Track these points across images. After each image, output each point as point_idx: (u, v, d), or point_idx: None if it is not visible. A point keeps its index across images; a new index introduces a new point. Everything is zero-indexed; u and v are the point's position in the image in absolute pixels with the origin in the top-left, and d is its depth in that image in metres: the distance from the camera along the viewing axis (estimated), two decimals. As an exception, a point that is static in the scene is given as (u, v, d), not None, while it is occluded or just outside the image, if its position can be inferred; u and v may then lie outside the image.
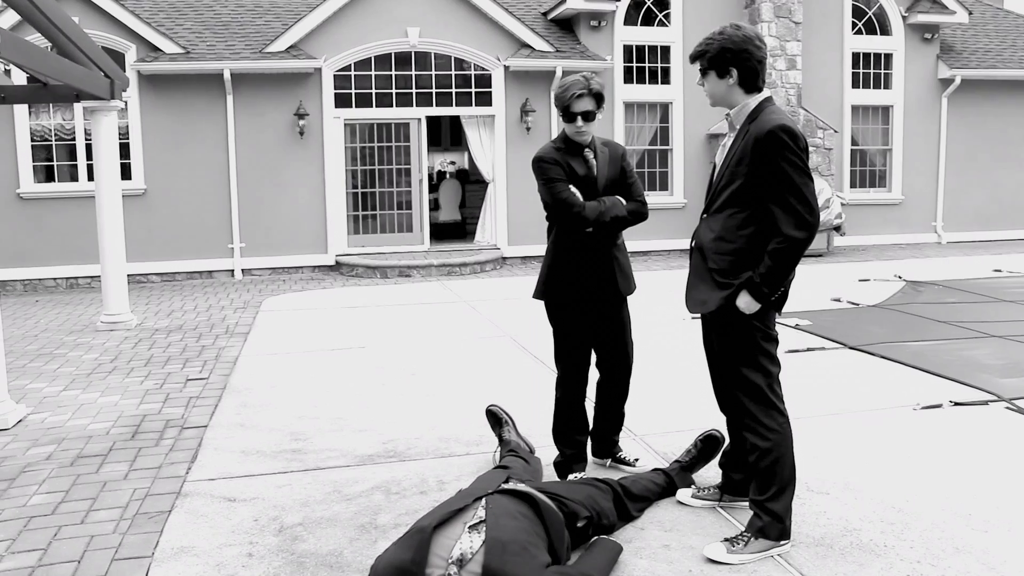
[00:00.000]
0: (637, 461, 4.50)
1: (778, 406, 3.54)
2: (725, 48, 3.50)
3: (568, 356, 4.34)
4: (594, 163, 4.25)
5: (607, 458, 4.57)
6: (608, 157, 4.30)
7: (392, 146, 14.31)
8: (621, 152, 4.37)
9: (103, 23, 12.93)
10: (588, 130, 4.19)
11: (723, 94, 3.59)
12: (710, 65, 3.55)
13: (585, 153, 4.25)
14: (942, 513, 3.88)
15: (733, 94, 3.56)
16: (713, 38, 3.54)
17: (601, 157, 4.28)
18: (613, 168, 4.29)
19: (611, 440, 4.56)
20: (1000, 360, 6.67)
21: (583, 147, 4.25)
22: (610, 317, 4.33)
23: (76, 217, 12.95)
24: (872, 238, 16.31)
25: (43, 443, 5.30)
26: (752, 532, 3.51)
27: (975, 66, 16.24)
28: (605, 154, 4.30)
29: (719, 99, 3.62)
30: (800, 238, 3.36)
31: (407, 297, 10.83)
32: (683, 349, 7.30)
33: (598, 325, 4.34)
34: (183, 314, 10.14)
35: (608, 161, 4.29)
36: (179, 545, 3.75)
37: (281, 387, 6.44)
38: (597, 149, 4.29)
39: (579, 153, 4.25)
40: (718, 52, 3.51)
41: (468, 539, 3.04)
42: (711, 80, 3.59)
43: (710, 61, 3.55)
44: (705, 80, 3.62)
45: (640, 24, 15.08)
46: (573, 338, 4.32)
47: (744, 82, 3.53)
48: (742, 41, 3.49)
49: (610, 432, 4.55)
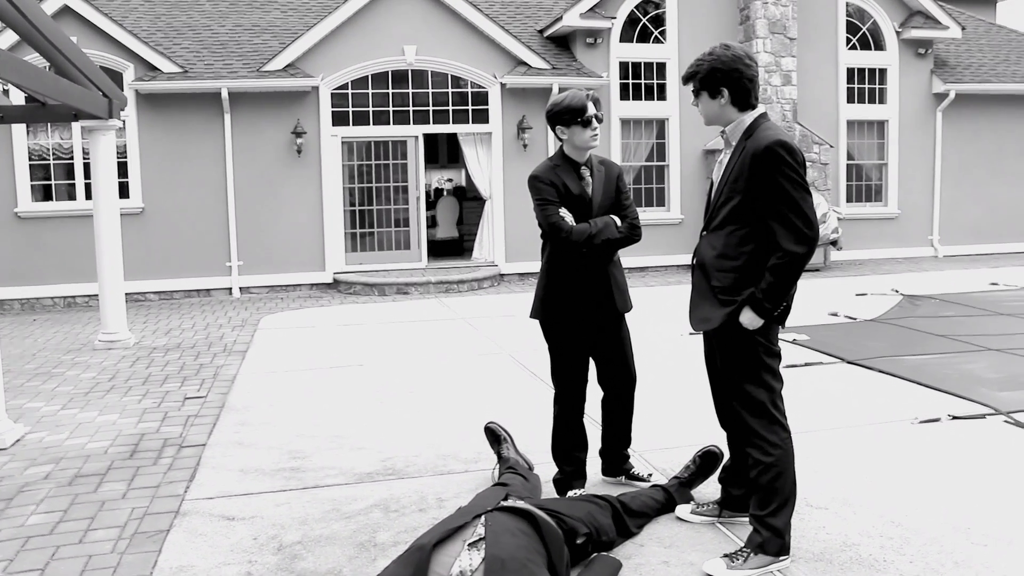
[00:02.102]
0: (651, 476, 4.50)
1: (780, 421, 3.54)
2: (715, 68, 3.52)
3: (564, 374, 4.34)
4: (590, 181, 4.23)
5: (619, 476, 4.55)
6: (604, 176, 4.27)
7: (389, 164, 14.34)
8: (617, 172, 4.34)
9: (101, 43, 12.98)
10: (597, 137, 4.19)
11: (717, 113, 3.61)
12: (701, 86, 3.58)
13: (582, 171, 4.22)
14: (941, 527, 3.88)
15: (727, 113, 3.58)
16: (703, 59, 3.57)
17: (597, 176, 4.25)
18: (608, 188, 4.25)
19: (621, 455, 4.54)
20: (998, 373, 6.68)
21: (580, 165, 4.22)
22: (609, 334, 4.32)
23: (74, 236, 12.96)
24: (869, 252, 16.34)
25: (41, 462, 5.29)
26: (752, 548, 3.50)
27: (969, 80, 16.33)
28: (601, 173, 4.28)
29: (713, 118, 3.65)
30: (800, 253, 3.37)
31: (405, 314, 10.84)
32: (681, 365, 7.31)
33: (597, 343, 4.33)
34: (181, 332, 10.13)
35: (604, 180, 4.26)
36: (177, 564, 3.74)
37: (279, 405, 6.44)
38: (594, 168, 4.26)
39: (575, 171, 4.22)
40: (708, 72, 3.54)
41: (468, 557, 3.03)
42: (703, 101, 3.62)
43: (701, 82, 3.58)
44: (698, 100, 3.64)
45: (636, 41, 15.16)
46: (569, 356, 4.31)
47: (736, 100, 3.55)
48: (731, 60, 3.52)
49: (619, 447, 4.53)
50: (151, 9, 15.13)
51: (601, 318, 4.27)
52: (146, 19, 14.74)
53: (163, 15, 15.00)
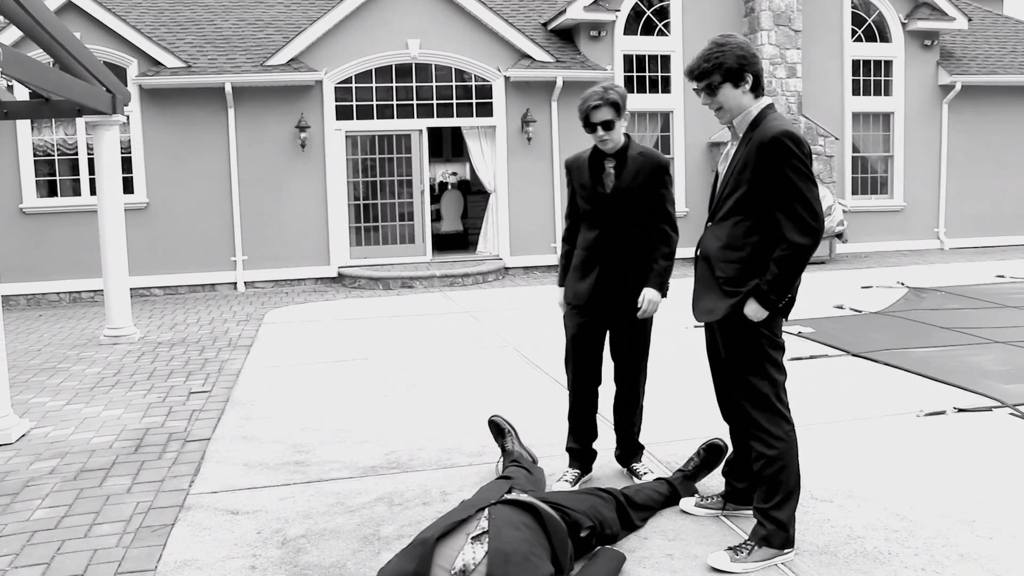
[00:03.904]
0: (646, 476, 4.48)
1: (784, 414, 3.53)
2: (740, 56, 3.44)
3: (570, 360, 4.40)
4: (611, 173, 4.21)
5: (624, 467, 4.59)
6: (638, 167, 4.17)
7: (393, 157, 14.34)
8: (657, 165, 4.20)
9: (105, 38, 12.99)
10: (612, 139, 4.16)
11: (738, 102, 3.49)
12: (726, 76, 3.46)
13: (605, 162, 4.23)
14: (946, 520, 3.86)
15: (746, 101, 3.50)
16: (722, 50, 3.45)
17: (630, 168, 4.17)
18: (639, 180, 4.15)
19: (626, 455, 4.55)
20: (1004, 366, 6.66)
21: (605, 156, 4.23)
22: (621, 332, 4.32)
23: (79, 231, 12.98)
24: (874, 245, 16.30)
25: (46, 457, 5.30)
26: (756, 540, 3.49)
27: (975, 72, 16.26)
28: (636, 164, 4.18)
29: (736, 108, 3.51)
30: (805, 244, 3.34)
31: (409, 308, 10.84)
32: (685, 357, 7.30)
33: (613, 339, 4.35)
34: (186, 327, 10.15)
35: (635, 173, 4.16)
36: (182, 558, 3.74)
37: (284, 399, 6.44)
38: (629, 159, 4.19)
39: (601, 161, 4.24)
40: (736, 60, 3.44)
41: (471, 550, 3.03)
42: (725, 91, 3.48)
43: (727, 72, 3.45)
44: (717, 93, 3.49)
45: (640, 34, 15.12)
46: (574, 342, 4.35)
47: (755, 87, 3.50)
48: (748, 45, 3.48)
49: (621, 447, 4.54)
50: (154, 4, 15.14)
51: (610, 311, 4.27)
52: (149, 14, 14.74)
53: (166, 10, 15.00)
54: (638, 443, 4.55)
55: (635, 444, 4.54)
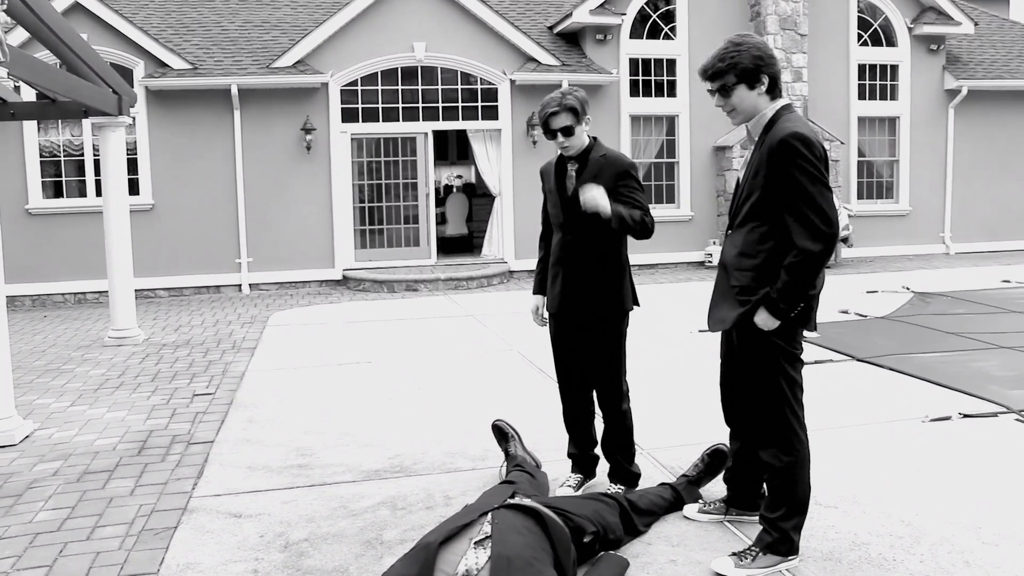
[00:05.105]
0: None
1: (795, 428, 3.45)
2: (756, 56, 3.36)
3: (556, 367, 4.42)
4: (573, 176, 4.17)
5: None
6: (599, 169, 4.09)
7: (399, 160, 14.34)
8: (621, 169, 4.09)
9: (111, 39, 13.02)
10: (572, 144, 4.12)
11: (754, 104, 3.42)
12: (741, 77, 3.38)
13: (569, 166, 4.21)
14: (952, 527, 3.84)
15: (761, 103, 3.43)
16: (738, 49, 3.37)
17: (590, 168, 4.11)
18: (599, 182, 3.99)
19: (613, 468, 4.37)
20: (1010, 372, 6.63)
21: (568, 160, 4.22)
22: (589, 338, 4.20)
23: (84, 232, 13.01)
24: (880, 249, 16.26)
25: (50, 459, 5.30)
26: (761, 547, 3.47)
27: (981, 76, 16.23)
28: (597, 165, 4.11)
29: (751, 110, 3.44)
30: (816, 251, 3.23)
31: (414, 311, 10.83)
32: (690, 363, 7.28)
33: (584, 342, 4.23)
34: (190, 329, 10.16)
35: (596, 174, 4.08)
36: (184, 561, 3.74)
37: (288, 402, 6.44)
38: (590, 161, 4.13)
39: (564, 165, 4.24)
40: (752, 60, 3.36)
41: (474, 555, 3.02)
42: (740, 93, 3.41)
43: (742, 73, 3.37)
44: (731, 94, 3.42)
45: (646, 37, 15.12)
46: (553, 348, 4.37)
47: (772, 89, 3.42)
48: (765, 46, 3.40)
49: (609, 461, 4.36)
50: (161, 5, 15.18)
51: (578, 315, 4.19)
52: (156, 16, 14.78)
53: (173, 11, 15.03)
54: (630, 471, 4.30)
55: (626, 472, 4.29)
